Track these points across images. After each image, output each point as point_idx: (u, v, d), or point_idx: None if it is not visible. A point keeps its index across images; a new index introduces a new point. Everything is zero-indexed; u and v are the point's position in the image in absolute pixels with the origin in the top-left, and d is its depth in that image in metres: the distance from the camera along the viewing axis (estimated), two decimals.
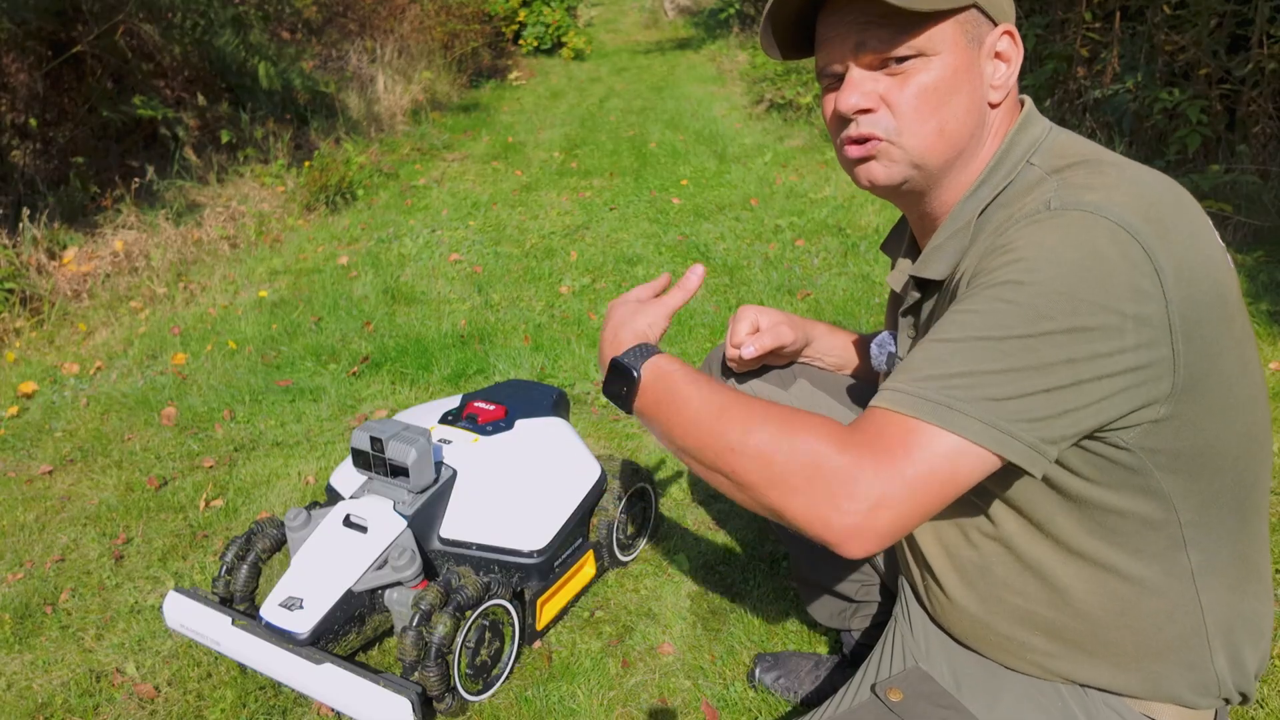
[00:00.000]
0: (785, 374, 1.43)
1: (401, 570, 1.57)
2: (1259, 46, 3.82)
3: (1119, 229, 0.83)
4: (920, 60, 0.95)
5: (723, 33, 9.85)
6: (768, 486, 0.88)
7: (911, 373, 0.87)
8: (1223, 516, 0.95)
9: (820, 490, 0.84)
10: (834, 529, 0.83)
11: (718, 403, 0.94)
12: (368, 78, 7.16)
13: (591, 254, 3.99)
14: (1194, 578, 0.96)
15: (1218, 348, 0.88)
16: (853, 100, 0.97)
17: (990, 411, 0.83)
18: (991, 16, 0.97)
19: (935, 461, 0.83)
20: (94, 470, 2.50)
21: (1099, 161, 0.92)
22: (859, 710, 1.09)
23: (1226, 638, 0.99)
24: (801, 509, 0.85)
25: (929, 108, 0.96)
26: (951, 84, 0.96)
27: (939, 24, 0.94)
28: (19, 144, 5.01)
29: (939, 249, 1.01)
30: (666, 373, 1.01)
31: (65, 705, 1.68)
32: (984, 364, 0.84)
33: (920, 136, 0.97)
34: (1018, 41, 0.99)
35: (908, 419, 0.84)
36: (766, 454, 0.88)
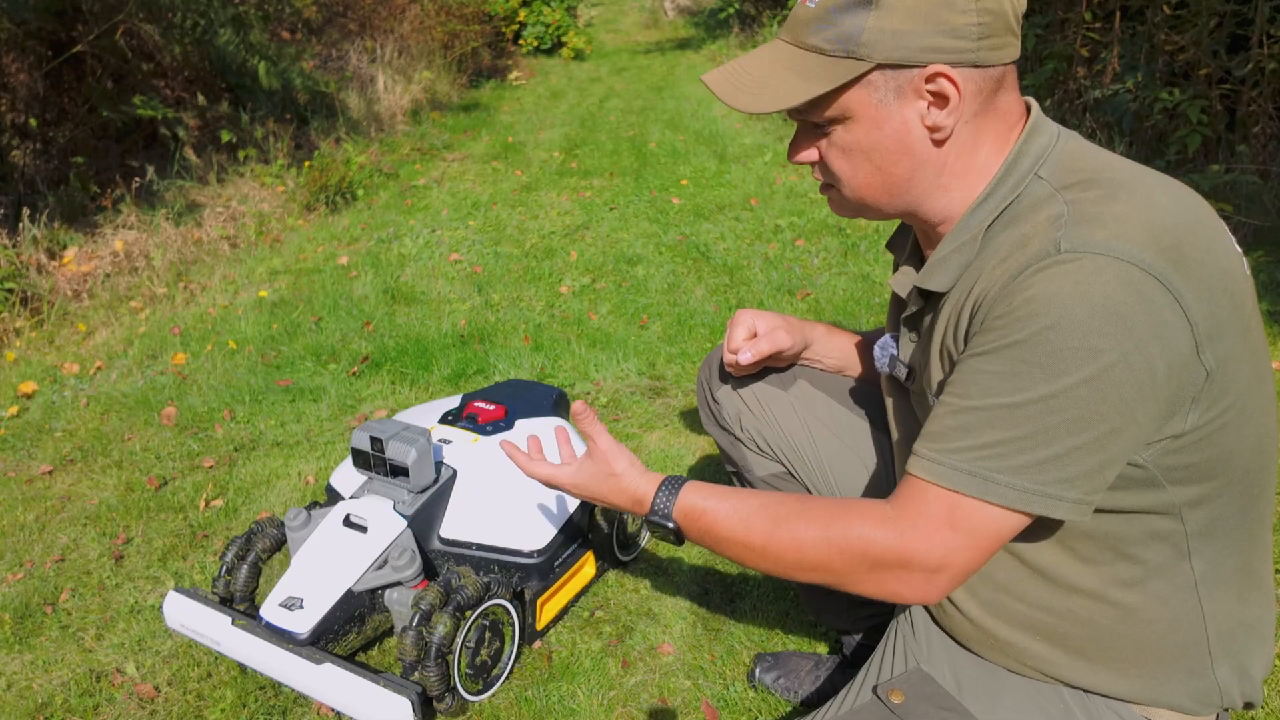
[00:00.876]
0: (785, 375, 1.43)
1: (401, 570, 1.57)
2: (1259, 46, 3.81)
3: (1132, 268, 0.82)
4: (840, 126, 0.98)
5: (723, 33, 9.85)
6: (838, 583, 0.97)
7: (944, 441, 0.90)
8: (1229, 527, 0.95)
9: (885, 577, 0.93)
10: (907, 599, 0.94)
11: (760, 530, 1.01)
12: (368, 78, 7.16)
13: (591, 254, 3.99)
14: (1197, 587, 0.96)
15: (1236, 360, 0.88)
16: (796, 156, 1.05)
17: (1025, 478, 0.86)
18: (909, 64, 0.92)
19: (979, 530, 0.89)
20: (94, 470, 2.50)
21: (1110, 182, 0.90)
22: (860, 712, 1.09)
23: (1228, 646, 0.99)
24: (874, 592, 0.95)
25: (852, 165, 1.00)
26: (869, 142, 0.97)
27: (839, 97, 0.95)
28: (19, 144, 5.01)
29: (943, 261, 0.99)
30: (698, 515, 1.06)
31: (65, 705, 1.68)
32: (1013, 430, 0.86)
33: (855, 188, 1.02)
34: (954, 79, 0.92)
35: (947, 492, 0.89)
36: (825, 563, 0.96)
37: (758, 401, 1.42)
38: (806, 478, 1.43)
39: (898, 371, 1.12)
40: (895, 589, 0.93)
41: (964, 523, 0.89)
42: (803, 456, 1.40)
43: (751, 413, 1.43)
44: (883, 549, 0.92)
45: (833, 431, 1.39)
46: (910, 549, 0.91)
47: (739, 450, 1.48)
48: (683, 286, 3.55)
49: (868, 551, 0.93)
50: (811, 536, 0.97)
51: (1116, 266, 0.82)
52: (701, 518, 1.06)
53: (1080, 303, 0.82)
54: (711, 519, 1.05)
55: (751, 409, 1.43)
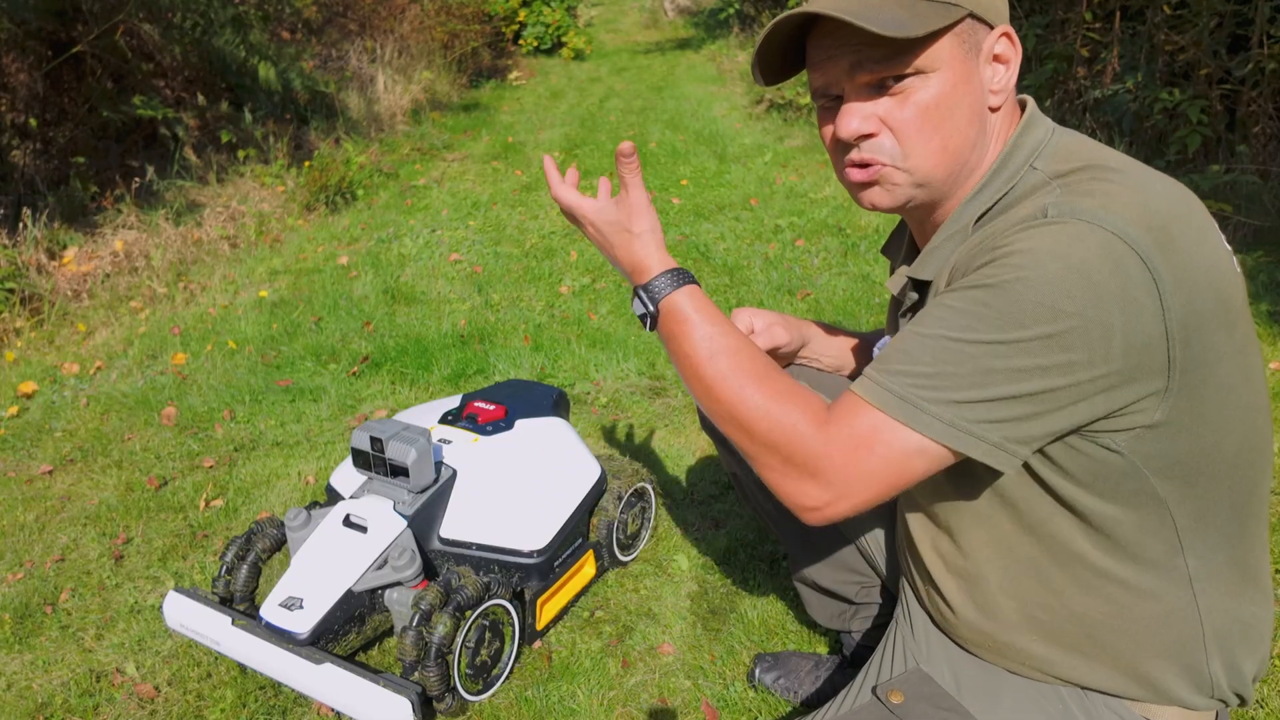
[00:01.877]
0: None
1: (401, 570, 1.57)
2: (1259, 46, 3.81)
3: (1114, 239, 0.82)
4: (918, 78, 0.93)
5: (723, 33, 9.85)
6: (749, 452, 0.97)
7: (887, 364, 0.90)
8: (1220, 522, 0.95)
9: (792, 472, 0.93)
10: (795, 505, 0.94)
11: (718, 367, 1.00)
12: (368, 78, 7.16)
13: (591, 254, 3.99)
14: (1191, 583, 0.96)
15: (1217, 354, 0.87)
16: (853, 125, 0.96)
17: (953, 412, 0.86)
18: (988, 20, 0.94)
19: (894, 455, 0.89)
20: (94, 470, 2.50)
21: (1104, 167, 0.90)
22: (860, 712, 1.09)
23: (1223, 642, 0.99)
24: (773, 482, 0.95)
25: (931, 126, 0.94)
26: (952, 98, 0.94)
27: (937, 40, 0.92)
28: (19, 144, 5.01)
29: (935, 250, 1.00)
30: (681, 318, 1.04)
31: (65, 705, 1.68)
32: (952, 365, 0.85)
33: (924, 156, 0.96)
34: (1015, 42, 0.97)
35: (875, 411, 0.89)
36: (749, 429, 0.96)
37: None
38: None
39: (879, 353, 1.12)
40: (790, 490, 0.93)
41: (883, 445, 0.88)
42: None
43: None
44: (802, 447, 0.92)
45: None
46: (825, 461, 0.90)
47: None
48: None
49: (790, 438, 0.92)
50: (754, 399, 0.96)
51: (1100, 235, 0.82)
52: (681, 322, 1.03)
53: (1054, 260, 0.82)
54: (688, 328, 1.03)
55: None
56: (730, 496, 2.19)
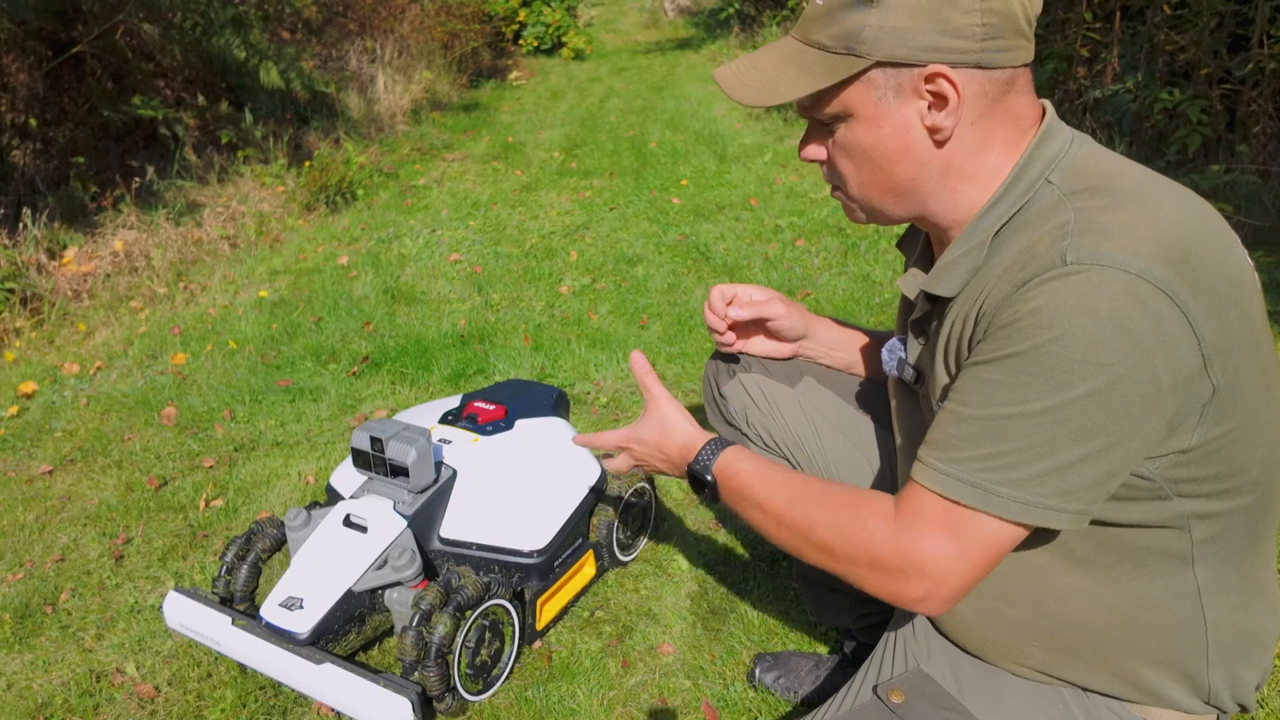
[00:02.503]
0: (791, 372, 1.43)
1: (401, 570, 1.57)
2: (1259, 46, 3.81)
3: (1139, 281, 0.81)
4: (844, 122, 0.98)
5: (723, 33, 9.85)
6: (842, 573, 0.98)
7: (947, 450, 0.90)
8: (1235, 537, 0.95)
9: (884, 577, 0.93)
10: (905, 603, 0.93)
11: (781, 500, 1.05)
12: (368, 78, 7.16)
13: (591, 254, 3.99)
14: (1200, 595, 0.96)
15: (1246, 374, 0.87)
16: (804, 153, 1.05)
17: (1027, 490, 0.86)
18: (908, 63, 0.91)
19: (978, 541, 0.89)
20: (94, 470, 2.50)
21: (1118, 190, 0.88)
22: (860, 711, 1.09)
23: (1226, 654, 0.98)
24: (873, 589, 0.95)
25: (857, 164, 1.00)
26: (871, 140, 0.97)
27: (839, 93, 0.95)
28: (19, 144, 5.01)
29: (951, 266, 0.98)
30: (733, 474, 1.12)
31: (65, 705, 1.68)
32: (1015, 441, 0.85)
33: (861, 188, 1.02)
34: (954, 79, 0.91)
35: (947, 502, 0.89)
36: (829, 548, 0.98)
37: (764, 397, 1.42)
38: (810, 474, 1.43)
39: (906, 375, 1.11)
40: (894, 591, 0.93)
41: (962, 532, 0.89)
42: (808, 453, 1.40)
43: (758, 408, 1.43)
44: (882, 547, 0.93)
45: (838, 429, 1.39)
46: (909, 553, 0.91)
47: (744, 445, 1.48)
48: (683, 287, 3.55)
49: (868, 547, 0.94)
50: (823, 519, 0.99)
51: (1123, 279, 0.81)
52: (735, 477, 1.11)
53: (1085, 315, 0.81)
54: (743, 480, 1.10)
55: (758, 404, 1.43)
56: None
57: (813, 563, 1.01)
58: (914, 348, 1.11)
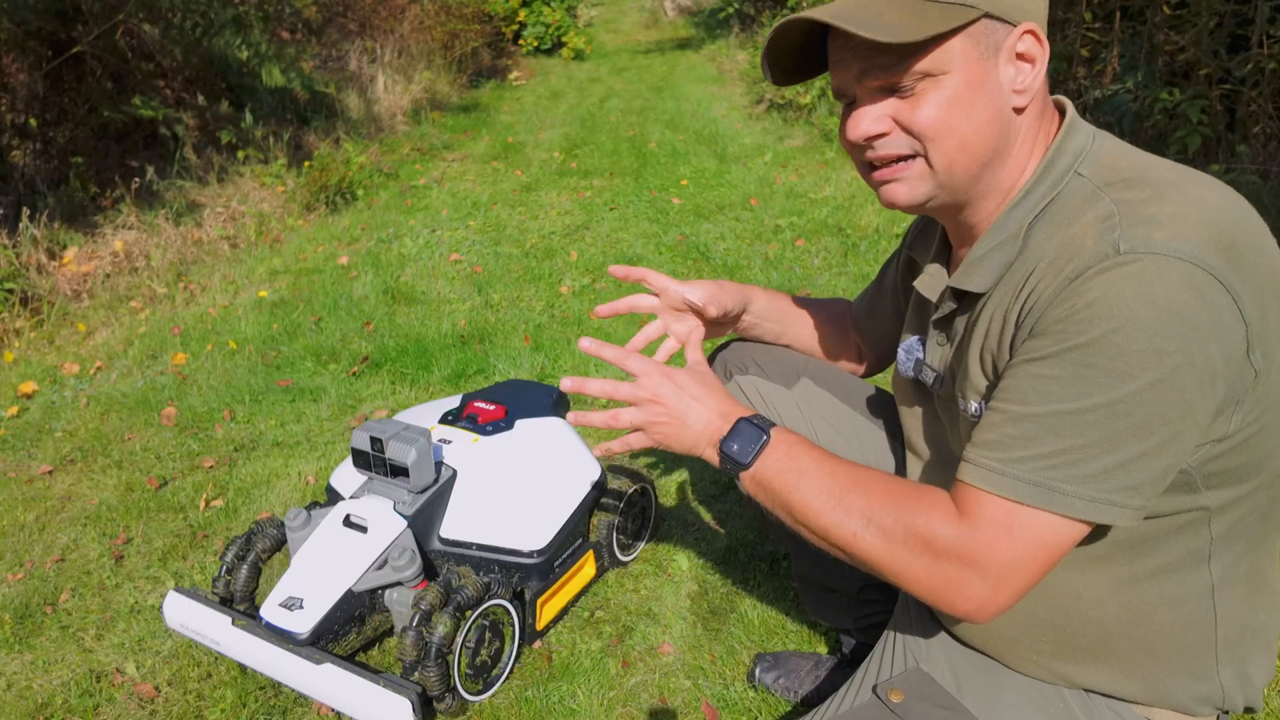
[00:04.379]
0: (788, 372, 1.44)
1: (401, 570, 1.57)
2: (1259, 46, 3.81)
3: (1195, 269, 0.81)
4: (929, 80, 0.91)
5: (723, 33, 9.85)
6: (894, 570, 0.93)
7: (1005, 450, 0.87)
8: (1250, 530, 0.95)
9: (947, 570, 0.89)
10: (960, 610, 0.90)
11: (839, 485, 0.97)
12: (368, 78, 7.16)
13: (591, 254, 3.99)
14: (1213, 591, 0.96)
15: (1276, 361, 0.87)
16: (862, 127, 0.96)
17: (1092, 486, 0.84)
18: (1008, 19, 0.91)
19: (1041, 541, 0.86)
20: (94, 470, 2.50)
21: (1156, 181, 0.88)
22: (860, 710, 1.09)
23: (1234, 650, 0.98)
24: (924, 590, 0.92)
25: (945, 126, 0.92)
26: (966, 99, 0.91)
27: (945, 43, 0.90)
28: (19, 144, 5.01)
29: (982, 260, 0.96)
30: (794, 441, 1.03)
31: (65, 705, 1.68)
32: (1078, 437, 0.83)
33: (941, 154, 0.94)
34: (1042, 40, 0.92)
35: (1006, 502, 0.87)
36: (889, 539, 0.92)
37: (761, 399, 1.43)
38: None
39: (924, 376, 1.10)
40: (949, 593, 0.90)
41: (1024, 532, 0.86)
42: None
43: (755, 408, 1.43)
44: (946, 542, 0.89)
45: (836, 428, 1.40)
46: (972, 554, 0.88)
47: None
48: None
49: (932, 544, 0.89)
50: (884, 506, 0.93)
51: (1180, 267, 0.80)
52: (796, 444, 1.02)
53: (1145, 305, 0.80)
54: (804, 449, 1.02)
55: (755, 405, 1.43)
56: (730, 496, 2.19)
57: (861, 552, 0.94)
58: (934, 349, 1.09)
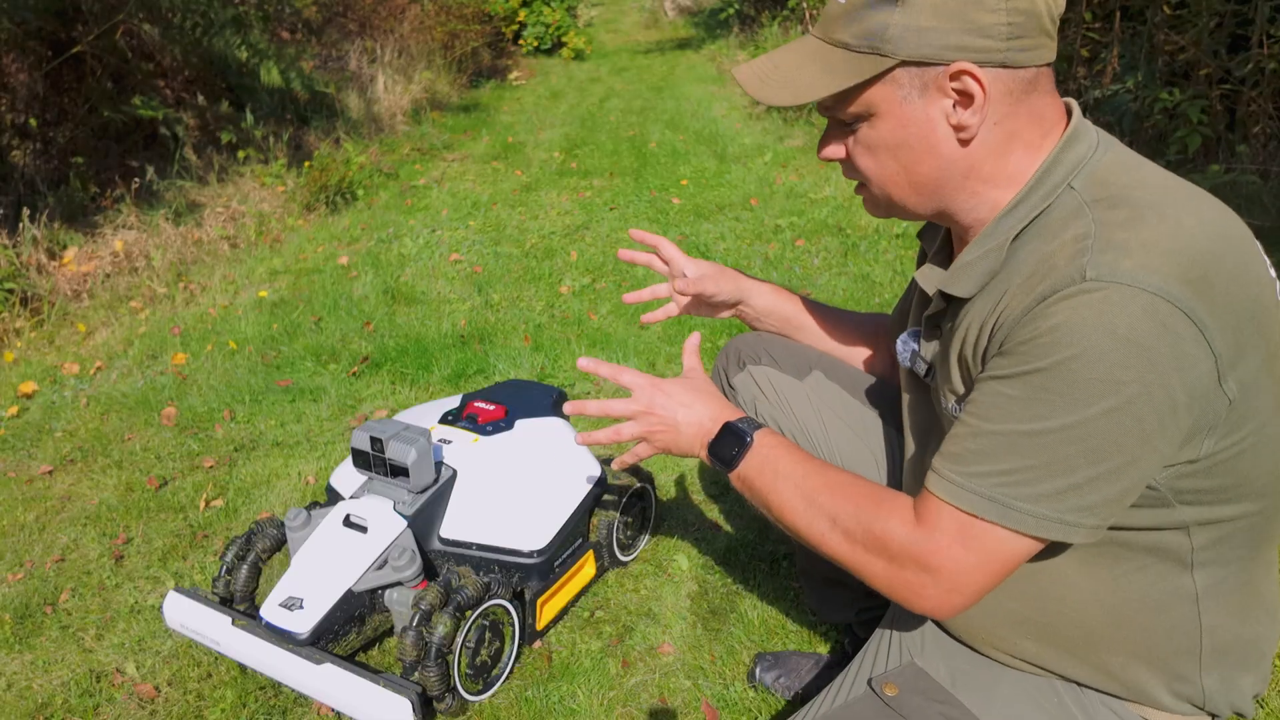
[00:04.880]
0: (800, 365, 1.45)
1: (401, 570, 1.57)
2: (1259, 46, 3.82)
3: (1157, 300, 0.80)
4: (866, 121, 0.97)
5: (723, 33, 9.85)
6: (856, 568, 1.00)
7: (964, 464, 0.91)
8: (1237, 544, 0.95)
9: (902, 574, 0.95)
10: (918, 609, 0.96)
11: (810, 487, 1.05)
12: (368, 78, 7.16)
13: (591, 254, 3.99)
14: (1198, 600, 0.96)
15: (1257, 387, 0.87)
16: (823, 152, 1.05)
17: (1044, 505, 0.86)
18: (933, 61, 0.91)
19: (993, 553, 0.90)
20: (94, 470, 2.50)
21: (1139, 202, 0.87)
22: (854, 704, 1.09)
23: (1221, 659, 0.99)
24: (884, 587, 0.98)
25: (880, 162, 0.99)
26: (897, 139, 0.96)
27: (863, 92, 0.95)
28: (19, 144, 5.00)
29: (969, 267, 0.98)
30: (773, 444, 1.11)
31: (65, 705, 1.68)
32: (1032, 458, 0.86)
33: (884, 185, 1.01)
34: (980, 78, 0.91)
35: (964, 515, 0.90)
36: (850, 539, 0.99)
37: (773, 389, 1.44)
38: None
39: (918, 367, 1.13)
40: (905, 593, 0.95)
41: (977, 544, 0.90)
42: (815, 445, 1.41)
43: (767, 399, 1.44)
44: (899, 549, 0.94)
45: (845, 422, 1.40)
46: (924, 559, 0.92)
47: None
48: None
49: (888, 546, 0.95)
50: (849, 509, 1.00)
51: (1142, 299, 0.80)
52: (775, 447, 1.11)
53: (1104, 335, 0.81)
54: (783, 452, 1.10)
55: (767, 396, 1.44)
56: (730, 496, 2.19)
57: (828, 550, 1.02)
58: (926, 342, 1.12)
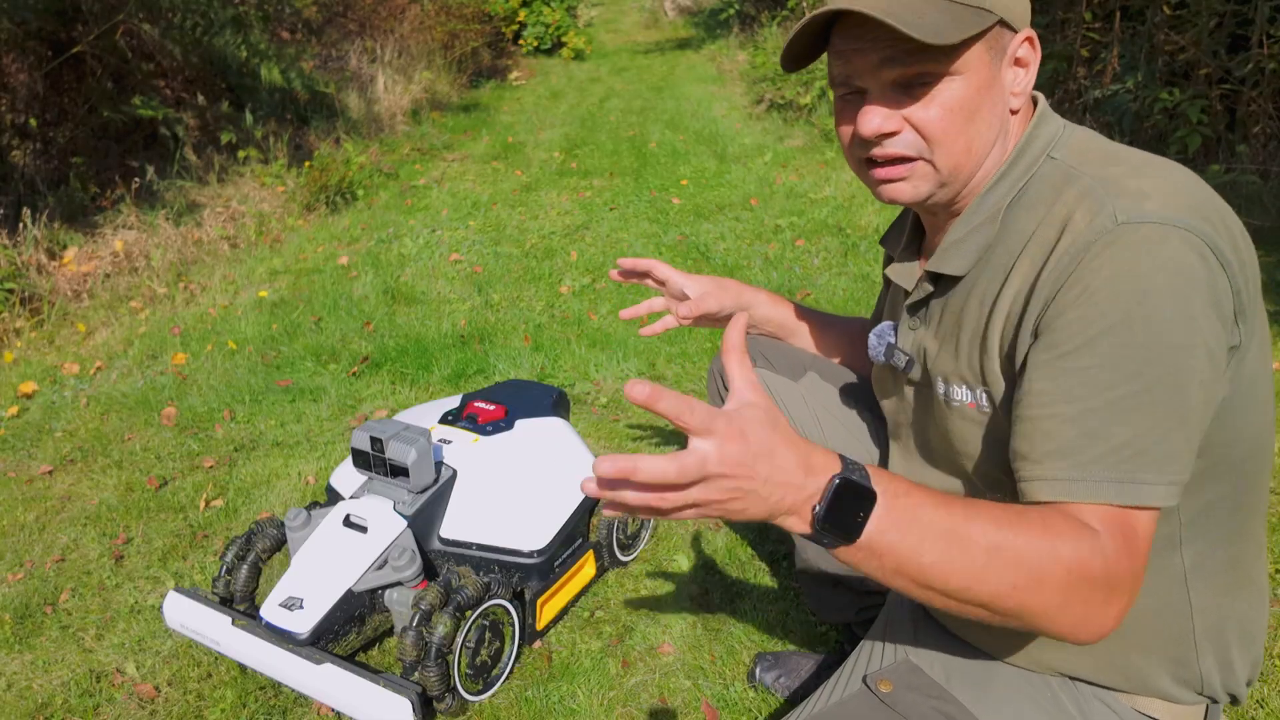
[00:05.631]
0: (795, 366, 1.45)
1: (401, 570, 1.57)
2: (1259, 46, 3.82)
3: (1191, 235, 0.82)
4: (945, 80, 0.92)
5: (723, 33, 9.85)
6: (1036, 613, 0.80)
7: (1075, 455, 0.82)
8: (1221, 518, 0.95)
9: (1102, 598, 0.80)
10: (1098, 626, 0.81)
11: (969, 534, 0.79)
12: (368, 78, 7.16)
13: (591, 254, 3.99)
14: (1185, 579, 0.96)
15: (1254, 339, 0.89)
16: (874, 124, 0.95)
17: (1171, 470, 0.82)
18: (1013, 25, 0.95)
19: (1146, 535, 0.82)
20: (94, 470, 2.50)
21: (1132, 161, 0.90)
22: (849, 701, 1.09)
23: (1216, 640, 0.99)
24: (1074, 620, 0.81)
25: (956, 127, 0.94)
26: (976, 101, 0.94)
27: (968, 47, 0.92)
28: (19, 144, 5.01)
29: (959, 244, 0.98)
30: (899, 488, 0.79)
31: (65, 705, 1.68)
32: (1142, 420, 0.81)
33: (949, 155, 0.95)
34: (1036, 46, 0.97)
35: (1098, 508, 0.82)
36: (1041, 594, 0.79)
37: (769, 391, 1.43)
38: None
39: (895, 360, 1.12)
40: (1104, 614, 0.81)
41: (1131, 533, 0.81)
42: None
43: None
44: (1102, 568, 0.79)
45: (841, 423, 1.40)
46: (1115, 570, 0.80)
47: None
48: None
49: (1089, 571, 0.79)
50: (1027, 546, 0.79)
51: (1178, 234, 0.82)
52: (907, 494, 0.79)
53: (1159, 271, 0.81)
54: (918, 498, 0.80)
55: None
56: None
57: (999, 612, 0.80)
58: (905, 334, 1.11)
